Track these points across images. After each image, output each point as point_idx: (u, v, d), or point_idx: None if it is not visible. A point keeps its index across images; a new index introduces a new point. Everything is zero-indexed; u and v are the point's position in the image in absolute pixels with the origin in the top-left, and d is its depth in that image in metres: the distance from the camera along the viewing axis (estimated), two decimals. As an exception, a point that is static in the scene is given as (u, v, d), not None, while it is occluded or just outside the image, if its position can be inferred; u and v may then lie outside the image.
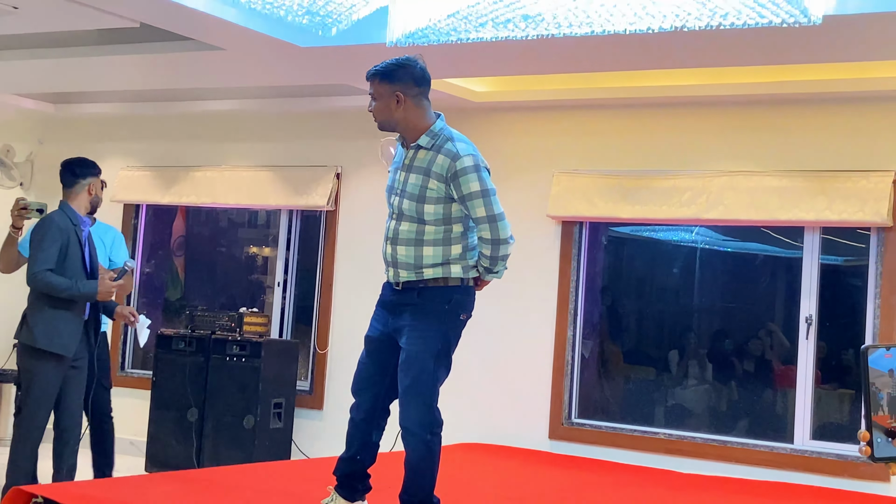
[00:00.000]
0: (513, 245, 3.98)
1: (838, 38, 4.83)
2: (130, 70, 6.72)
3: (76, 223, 5.24)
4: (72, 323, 5.20)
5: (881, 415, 1.44)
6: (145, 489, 4.78)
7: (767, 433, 6.28)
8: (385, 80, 3.97)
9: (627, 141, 6.60)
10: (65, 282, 5.11)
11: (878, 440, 1.45)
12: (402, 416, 3.94)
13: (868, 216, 5.77)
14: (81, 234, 5.25)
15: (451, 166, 3.85)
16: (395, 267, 4.01)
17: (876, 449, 1.45)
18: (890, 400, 1.44)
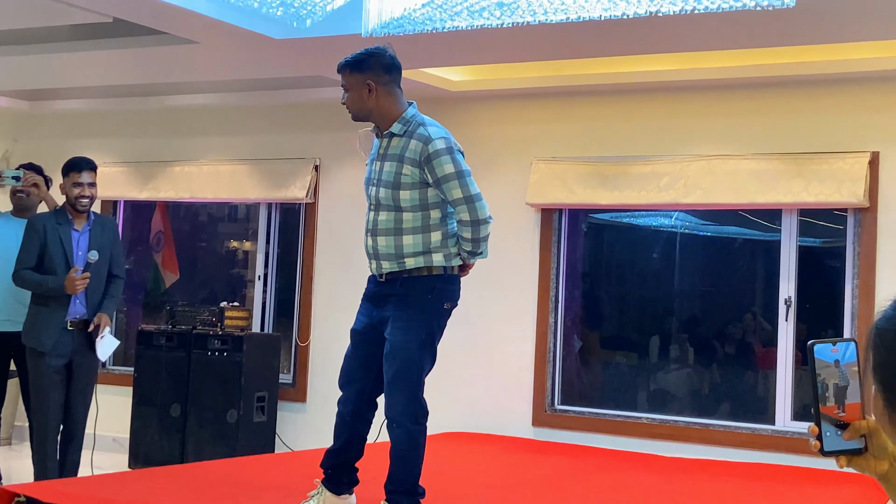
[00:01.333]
0: (491, 224, 3.97)
1: (811, 20, 4.85)
2: (105, 65, 6.69)
3: (61, 222, 5.39)
4: (49, 319, 5.31)
5: (828, 405, 1.44)
6: (129, 485, 4.78)
7: (749, 415, 6.32)
8: (355, 70, 3.99)
9: (605, 127, 6.61)
10: (36, 278, 5.32)
11: (828, 433, 1.45)
12: (388, 407, 3.95)
13: (845, 197, 5.81)
14: (65, 232, 5.36)
15: (423, 150, 3.86)
16: (378, 259, 4.01)
17: (825, 442, 1.46)
18: (836, 391, 1.45)
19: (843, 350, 1.45)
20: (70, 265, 5.35)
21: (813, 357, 1.45)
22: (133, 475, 5.44)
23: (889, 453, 1.46)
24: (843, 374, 1.44)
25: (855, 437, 1.45)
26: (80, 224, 5.49)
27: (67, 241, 5.39)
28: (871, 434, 1.45)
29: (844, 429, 1.45)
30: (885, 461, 1.46)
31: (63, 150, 8.36)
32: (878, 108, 5.90)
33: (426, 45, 5.53)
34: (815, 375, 1.45)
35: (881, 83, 5.86)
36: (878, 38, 5.34)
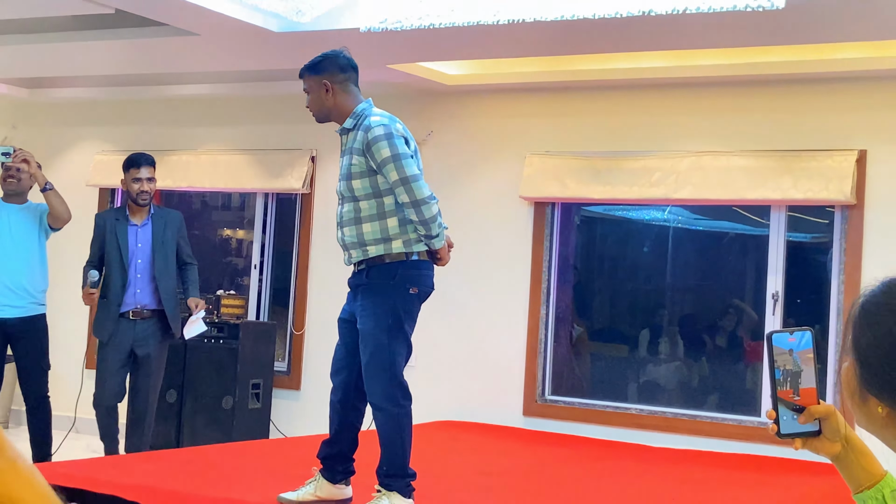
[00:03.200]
0: (436, 203, 4.05)
1: (800, 21, 4.94)
2: (105, 55, 6.75)
3: (119, 218, 5.80)
4: (106, 311, 5.75)
5: (785, 390, 1.53)
6: (126, 468, 4.87)
7: (737, 407, 6.43)
8: (313, 72, 4.19)
9: (598, 122, 6.70)
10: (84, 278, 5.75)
11: (784, 417, 1.53)
12: (368, 394, 4.06)
13: (832, 194, 5.91)
14: (122, 228, 5.73)
15: (364, 138, 4.01)
16: (347, 249, 4.16)
17: (782, 425, 1.53)
18: (792, 376, 1.53)
19: (799, 339, 1.53)
20: (124, 260, 5.68)
21: (771, 345, 1.53)
22: (129, 459, 5.53)
23: (842, 436, 1.53)
24: (797, 360, 1.53)
25: (809, 421, 1.53)
26: (139, 219, 5.74)
27: (123, 237, 5.67)
28: (825, 418, 1.53)
29: (800, 413, 1.53)
30: (837, 444, 1.53)
31: (61, 138, 8.46)
32: (865, 106, 6.00)
33: (422, 39, 5.62)
34: (772, 362, 1.53)
35: (869, 82, 5.96)
36: (865, 39, 5.44)
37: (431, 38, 5.57)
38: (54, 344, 8.15)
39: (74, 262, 6.41)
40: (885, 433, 1.40)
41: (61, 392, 8.04)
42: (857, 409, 1.43)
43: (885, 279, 1.41)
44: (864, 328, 1.39)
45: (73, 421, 7.92)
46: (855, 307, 1.42)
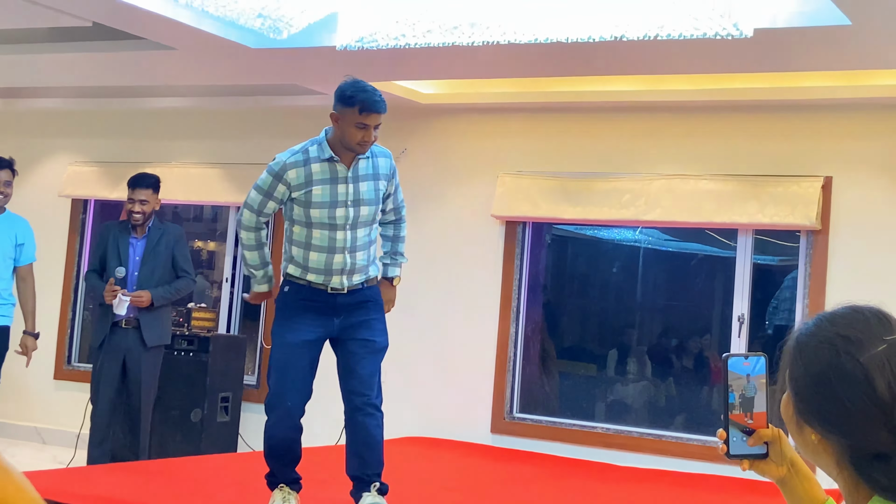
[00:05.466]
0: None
1: (768, 49, 5.04)
2: (82, 67, 6.76)
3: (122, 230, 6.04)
4: (101, 319, 6.01)
5: (736, 413, 1.58)
6: (93, 479, 4.87)
7: (702, 428, 6.50)
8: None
9: (570, 144, 6.78)
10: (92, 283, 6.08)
11: (734, 438, 1.58)
12: (373, 398, 4.18)
13: (798, 219, 6.01)
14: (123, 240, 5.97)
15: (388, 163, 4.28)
16: (351, 273, 4.16)
17: (731, 446, 1.59)
18: (745, 400, 1.58)
19: (753, 363, 1.58)
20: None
21: (726, 368, 1.59)
22: (95, 470, 5.52)
23: (787, 460, 1.60)
24: (752, 385, 1.58)
25: (758, 444, 1.58)
26: (140, 232, 6.02)
27: (124, 248, 5.94)
28: (772, 441, 1.59)
29: (749, 435, 1.58)
30: (783, 467, 1.59)
31: (35, 148, 8.44)
32: (831, 134, 6.11)
33: (398, 58, 5.68)
34: (726, 385, 1.58)
35: (835, 111, 6.07)
36: (831, 68, 5.56)
37: (407, 58, 5.63)
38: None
39: (47, 274, 6.40)
40: (818, 459, 1.45)
41: (29, 404, 8.01)
42: (794, 436, 1.48)
43: (818, 314, 1.46)
44: (796, 361, 1.44)
45: (39, 432, 7.90)
46: (790, 341, 1.48)
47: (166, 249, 6.02)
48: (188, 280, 6.13)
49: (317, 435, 5.68)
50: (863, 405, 1.36)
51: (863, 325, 1.41)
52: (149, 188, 6.03)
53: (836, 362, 1.39)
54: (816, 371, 1.41)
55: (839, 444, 1.40)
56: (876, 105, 5.94)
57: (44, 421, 7.84)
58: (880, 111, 5.97)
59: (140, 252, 5.98)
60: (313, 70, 6.26)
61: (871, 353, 1.37)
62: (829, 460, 1.42)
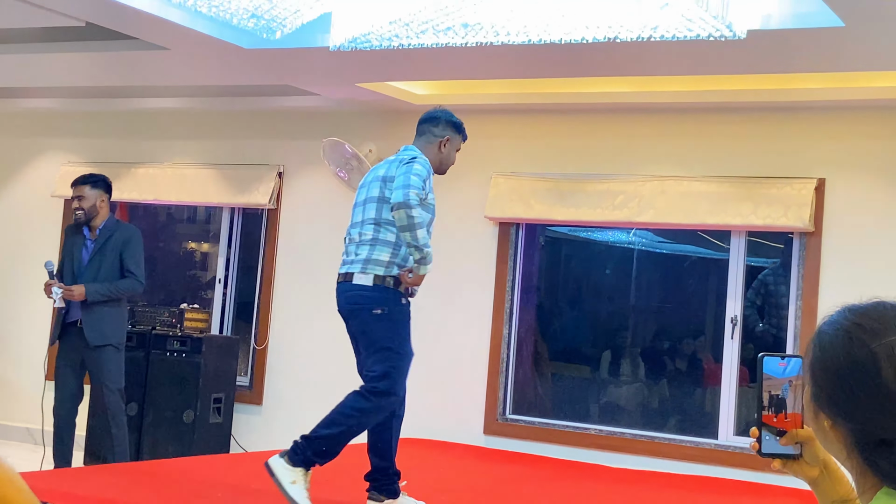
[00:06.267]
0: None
1: (762, 51, 5.04)
2: (75, 67, 6.75)
3: (77, 232, 6.16)
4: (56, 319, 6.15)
5: (770, 413, 1.60)
6: (85, 480, 4.86)
7: (695, 429, 6.50)
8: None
9: (563, 145, 6.78)
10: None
11: (766, 437, 1.60)
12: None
13: (791, 221, 6.02)
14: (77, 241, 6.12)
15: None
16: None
17: (763, 445, 1.60)
18: (779, 401, 1.60)
19: (789, 364, 1.60)
20: (74, 271, 6.03)
21: (761, 367, 1.60)
22: (88, 471, 5.52)
23: (821, 461, 1.61)
24: (787, 386, 1.60)
25: (791, 444, 1.60)
26: (93, 233, 6.12)
27: (78, 250, 6.07)
28: (805, 442, 1.60)
29: (782, 435, 1.60)
30: (816, 468, 1.61)
31: (28, 148, 8.43)
32: (824, 136, 6.12)
33: (391, 59, 5.68)
34: (761, 384, 1.60)
35: (828, 112, 6.08)
36: (825, 70, 5.56)
37: (400, 58, 5.63)
38: (17, 354, 8.13)
39: (38, 274, 6.39)
40: (830, 446, 1.48)
41: (21, 403, 8.00)
42: (810, 423, 1.51)
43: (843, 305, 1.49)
44: (815, 348, 1.48)
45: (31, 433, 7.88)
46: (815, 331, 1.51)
47: (113, 250, 6.04)
48: (133, 281, 6.06)
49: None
50: (869, 391, 1.39)
51: (880, 315, 1.44)
52: (86, 184, 6.08)
53: (848, 348, 1.42)
54: (830, 357, 1.45)
55: (848, 430, 1.43)
56: (869, 107, 5.95)
57: (36, 421, 7.82)
58: (874, 113, 5.98)
59: (91, 252, 6.08)
60: (306, 70, 6.25)
61: (883, 342, 1.40)
62: (840, 447, 1.45)
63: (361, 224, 4.41)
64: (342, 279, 4.41)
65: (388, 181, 4.37)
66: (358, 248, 4.39)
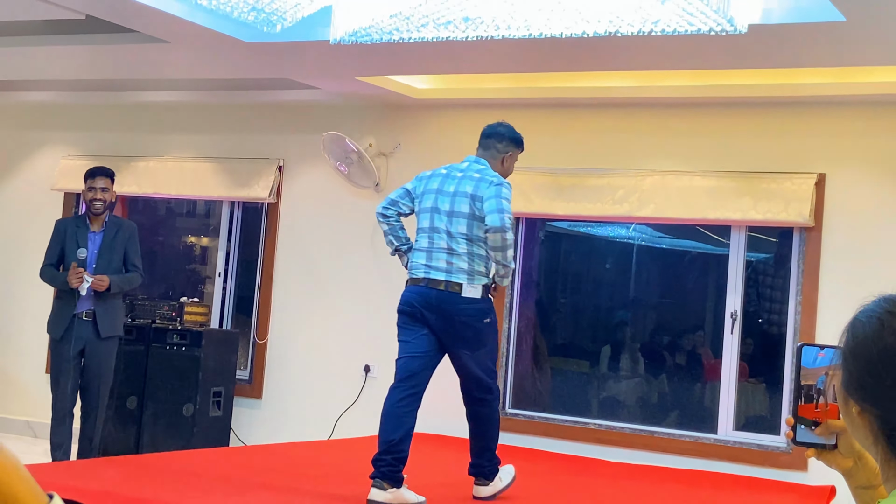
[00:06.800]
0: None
1: (763, 46, 5.04)
2: (75, 60, 6.75)
3: (79, 224, 6.22)
4: (61, 311, 6.13)
5: (807, 403, 1.61)
6: (85, 473, 4.86)
7: (695, 424, 6.50)
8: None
9: (563, 140, 6.78)
10: (51, 273, 6.20)
11: (802, 426, 1.61)
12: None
13: (791, 216, 6.02)
14: (82, 234, 6.14)
15: None
16: None
17: (798, 433, 1.62)
18: (816, 390, 1.61)
19: (829, 355, 1.60)
20: (80, 262, 6.06)
21: (799, 357, 1.61)
22: (88, 464, 5.52)
23: (855, 452, 1.62)
24: (824, 377, 1.60)
25: (825, 434, 1.61)
26: (97, 227, 6.19)
27: (83, 242, 6.12)
28: (841, 433, 1.61)
29: (818, 425, 1.61)
30: (850, 459, 1.62)
31: (28, 142, 8.43)
32: (825, 131, 6.12)
33: (392, 53, 5.67)
34: (798, 374, 1.61)
35: (829, 107, 6.08)
36: (826, 65, 5.55)
37: (401, 52, 5.62)
38: (16, 347, 8.13)
39: (38, 268, 6.41)
40: (858, 433, 1.48)
41: (20, 397, 8.01)
42: (841, 409, 1.52)
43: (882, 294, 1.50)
44: (848, 335, 1.49)
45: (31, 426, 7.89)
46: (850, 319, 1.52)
47: (121, 244, 6.24)
48: (137, 274, 6.33)
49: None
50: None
51: None
52: (108, 177, 6.24)
53: (879, 335, 1.43)
54: (861, 343, 1.46)
55: (875, 417, 1.44)
56: (870, 102, 5.95)
57: (35, 415, 7.83)
58: (874, 108, 5.98)
59: (98, 245, 6.17)
60: (307, 64, 6.25)
61: None
62: (867, 433, 1.46)
63: (451, 236, 4.68)
64: (443, 286, 4.66)
65: (476, 199, 4.67)
66: (453, 258, 4.67)
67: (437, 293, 4.64)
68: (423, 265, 4.69)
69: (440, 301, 4.65)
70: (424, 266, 4.69)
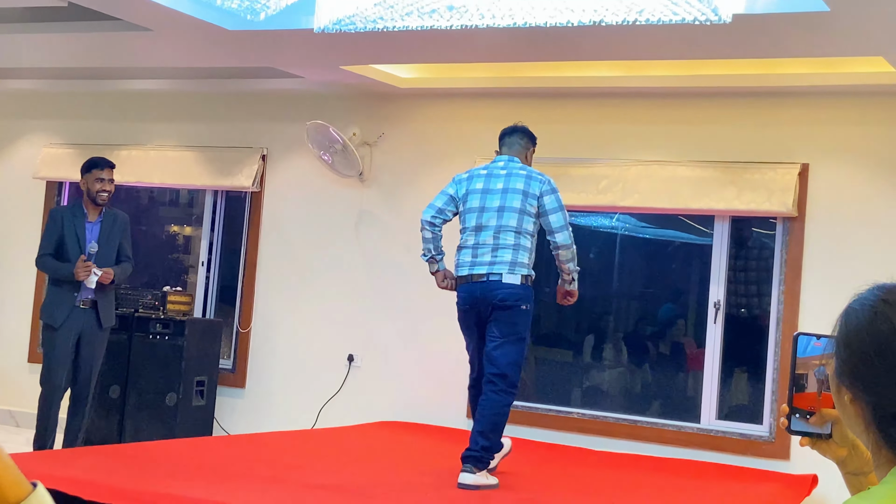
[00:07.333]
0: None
1: (747, 35, 5.05)
2: (57, 48, 6.70)
3: (77, 214, 6.17)
4: (62, 299, 6.08)
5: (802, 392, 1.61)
6: (67, 462, 4.84)
7: (677, 413, 6.52)
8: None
9: (547, 129, 6.75)
10: (53, 265, 6.14)
11: (797, 415, 1.61)
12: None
13: (775, 206, 6.03)
14: (80, 224, 6.12)
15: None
16: None
17: (792, 422, 1.62)
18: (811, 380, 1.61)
19: (824, 345, 1.59)
20: (82, 252, 6.07)
21: (795, 346, 1.61)
22: (71, 453, 5.50)
23: (850, 441, 1.62)
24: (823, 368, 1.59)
25: (820, 424, 1.61)
26: (93, 216, 6.20)
27: (81, 232, 6.12)
28: (836, 422, 1.61)
29: (813, 414, 1.61)
30: (845, 448, 1.62)
31: (9, 130, 8.37)
32: (808, 121, 6.14)
33: (376, 42, 5.66)
34: (794, 363, 1.61)
35: (813, 98, 6.09)
36: (810, 55, 5.57)
37: (385, 41, 5.61)
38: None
39: (21, 256, 6.38)
40: (850, 420, 1.49)
41: (2, 386, 7.97)
42: (834, 397, 1.52)
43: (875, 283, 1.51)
44: (841, 323, 1.50)
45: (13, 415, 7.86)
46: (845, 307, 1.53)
47: (118, 235, 6.28)
48: (130, 265, 6.38)
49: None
50: (889, 364, 1.41)
51: None
52: (113, 168, 6.27)
53: (872, 323, 1.44)
54: (854, 331, 1.47)
55: (866, 404, 1.44)
56: (853, 92, 5.97)
57: (18, 404, 7.80)
58: (858, 98, 6.00)
59: (96, 235, 6.18)
60: (290, 53, 6.23)
61: None
62: (859, 420, 1.47)
63: (499, 230, 4.98)
64: (485, 278, 4.95)
65: (528, 196, 5.01)
66: (498, 252, 4.97)
67: (480, 285, 4.98)
68: (469, 262, 5.02)
69: (482, 292, 4.98)
70: (470, 263, 5.02)
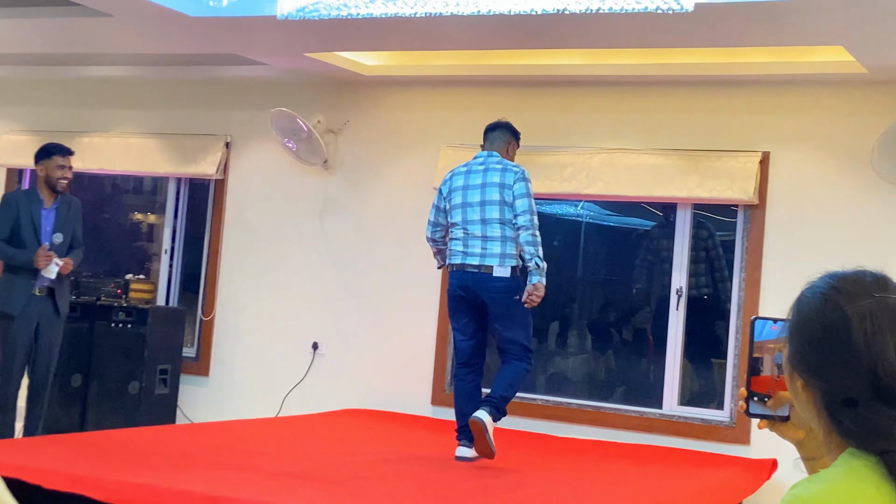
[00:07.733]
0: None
1: (709, 24, 5.08)
2: (17, 34, 6.62)
3: (32, 199, 6.13)
4: (19, 287, 6.02)
5: (760, 376, 1.63)
6: (28, 450, 4.81)
7: (640, 399, 6.58)
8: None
9: (511, 117, 6.74)
10: (9, 252, 6.07)
11: (755, 398, 1.64)
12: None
13: (736, 194, 6.09)
14: (35, 210, 6.08)
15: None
16: None
17: (751, 406, 1.65)
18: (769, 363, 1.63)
19: (781, 328, 1.61)
20: (38, 239, 6.02)
21: (752, 330, 1.63)
22: (31, 441, 5.46)
23: (806, 423, 1.63)
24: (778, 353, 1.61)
25: (777, 407, 1.63)
26: (49, 202, 6.16)
27: (37, 218, 6.06)
28: (792, 405, 1.62)
29: (770, 397, 1.63)
30: (802, 430, 1.65)
31: (-31, 116, 8.26)
32: (769, 110, 6.19)
33: (340, 29, 5.64)
34: (751, 346, 1.63)
35: (773, 86, 6.15)
36: (771, 44, 5.62)
37: (349, 29, 5.59)
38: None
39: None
40: (803, 406, 1.52)
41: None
42: (787, 383, 1.55)
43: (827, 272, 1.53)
44: (795, 311, 1.53)
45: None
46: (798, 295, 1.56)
47: (72, 221, 6.25)
48: (82, 251, 6.36)
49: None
50: (838, 351, 1.44)
51: (857, 280, 1.49)
52: (72, 155, 6.27)
53: (823, 310, 1.47)
54: (805, 318, 1.49)
55: (817, 390, 1.47)
56: (814, 81, 6.02)
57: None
58: (818, 87, 6.06)
59: (52, 222, 6.13)
60: (254, 40, 6.19)
61: (856, 305, 1.45)
62: (811, 406, 1.49)
63: (484, 222, 5.16)
64: (476, 269, 5.15)
65: (504, 187, 5.18)
66: (486, 244, 5.15)
67: (472, 275, 5.16)
68: (461, 252, 5.20)
69: (475, 282, 5.15)
70: (461, 253, 5.20)
